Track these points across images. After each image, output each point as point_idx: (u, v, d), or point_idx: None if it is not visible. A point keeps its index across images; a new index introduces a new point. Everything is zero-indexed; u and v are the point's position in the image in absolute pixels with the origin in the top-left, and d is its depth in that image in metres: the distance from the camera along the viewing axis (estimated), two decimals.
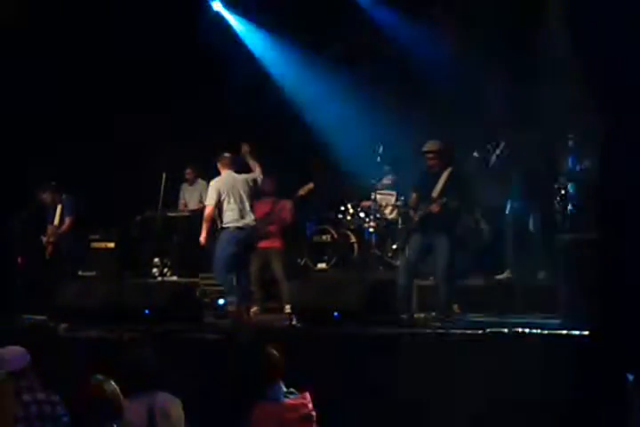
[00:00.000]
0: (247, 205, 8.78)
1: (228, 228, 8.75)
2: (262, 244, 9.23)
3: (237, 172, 8.90)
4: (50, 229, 9.92)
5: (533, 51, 9.61)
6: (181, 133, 11.29)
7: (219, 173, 8.90)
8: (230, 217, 8.73)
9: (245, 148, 8.93)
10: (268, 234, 9.25)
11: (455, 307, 8.03)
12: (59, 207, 9.91)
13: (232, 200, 8.72)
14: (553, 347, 5.92)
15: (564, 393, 5.45)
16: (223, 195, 8.71)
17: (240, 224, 8.72)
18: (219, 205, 8.75)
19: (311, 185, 9.30)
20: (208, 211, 8.80)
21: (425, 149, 7.79)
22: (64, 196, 9.96)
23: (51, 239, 9.88)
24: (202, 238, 8.82)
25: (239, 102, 11.09)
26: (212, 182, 8.88)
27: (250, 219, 8.79)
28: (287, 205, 9.42)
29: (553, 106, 9.09)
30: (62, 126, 11.03)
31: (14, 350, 4.77)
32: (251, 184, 8.88)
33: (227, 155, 8.92)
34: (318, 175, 10.35)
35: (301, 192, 9.33)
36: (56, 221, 9.90)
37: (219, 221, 9.06)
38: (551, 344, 6.00)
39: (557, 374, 5.59)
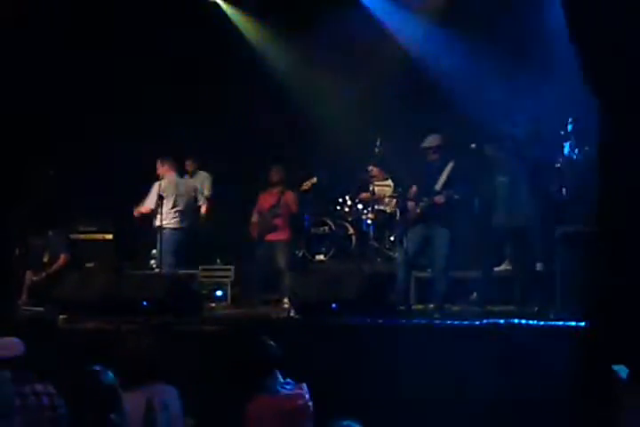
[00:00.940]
0: (186, 207, 9.33)
1: (167, 228, 9.15)
2: (269, 236, 9.22)
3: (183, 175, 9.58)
4: (32, 273, 9.39)
5: (532, 42, 9.59)
6: (180, 126, 11.30)
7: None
8: (170, 218, 9.19)
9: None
10: (274, 226, 9.23)
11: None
12: (47, 249, 9.53)
13: (172, 202, 9.22)
14: (550, 339, 5.93)
15: (561, 388, 5.47)
16: (165, 196, 9.15)
17: (178, 226, 9.25)
18: (159, 206, 9.14)
19: (314, 179, 9.28)
20: (145, 210, 9.30)
21: (425, 145, 7.81)
22: (50, 233, 9.59)
23: (37, 278, 9.34)
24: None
25: (239, 94, 11.10)
26: (155, 184, 9.28)
27: (188, 221, 9.31)
28: (291, 196, 9.37)
29: (550, 100, 9.08)
30: (61, 119, 11.03)
31: (10, 341, 4.77)
32: (193, 189, 9.53)
33: (168, 160, 9.42)
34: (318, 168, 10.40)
35: (305, 186, 9.31)
36: (46, 259, 9.50)
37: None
38: (548, 336, 6.01)
39: (554, 367, 5.61)
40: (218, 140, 11.18)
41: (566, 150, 8.84)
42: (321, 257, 10.38)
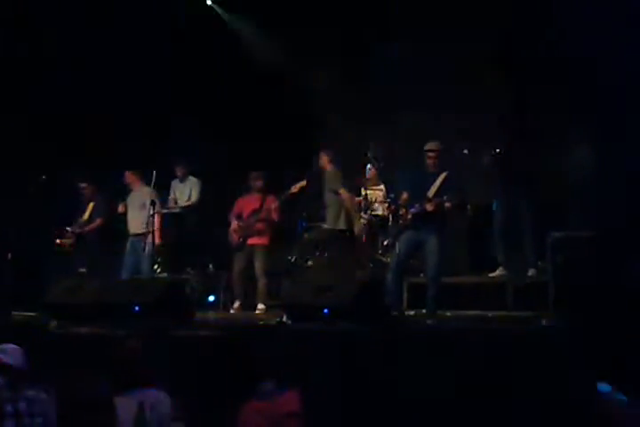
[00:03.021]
0: (142, 214, 9.50)
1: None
2: (250, 240, 9.24)
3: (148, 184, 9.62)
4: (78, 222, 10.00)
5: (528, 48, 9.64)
6: (171, 131, 11.31)
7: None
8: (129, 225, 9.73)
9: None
10: (255, 231, 9.25)
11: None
12: (91, 204, 10.01)
13: (130, 210, 9.75)
14: (541, 345, 5.94)
15: (553, 392, 5.48)
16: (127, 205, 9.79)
17: (133, 232, 9.71)
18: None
19: (304, 182, 9.28)
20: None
21: (427, 147, 7.87)
22: (99, 196, 10.12)
23: (77, 231, 9.97)
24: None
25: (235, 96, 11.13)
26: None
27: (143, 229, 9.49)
28: (274, 203, 9.33)
29: (548, 104, 9.13)
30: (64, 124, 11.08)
31: (12, 347, 4.76)
32: (147, 197, 9.43)
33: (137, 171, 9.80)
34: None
35: (294, 189, 9.30)
36: (85, 216, 10.02)
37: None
38: (539, 342, 6.02)
39: (546, 372, 5.62)
40: (211, 145, 11.19)
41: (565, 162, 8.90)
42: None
